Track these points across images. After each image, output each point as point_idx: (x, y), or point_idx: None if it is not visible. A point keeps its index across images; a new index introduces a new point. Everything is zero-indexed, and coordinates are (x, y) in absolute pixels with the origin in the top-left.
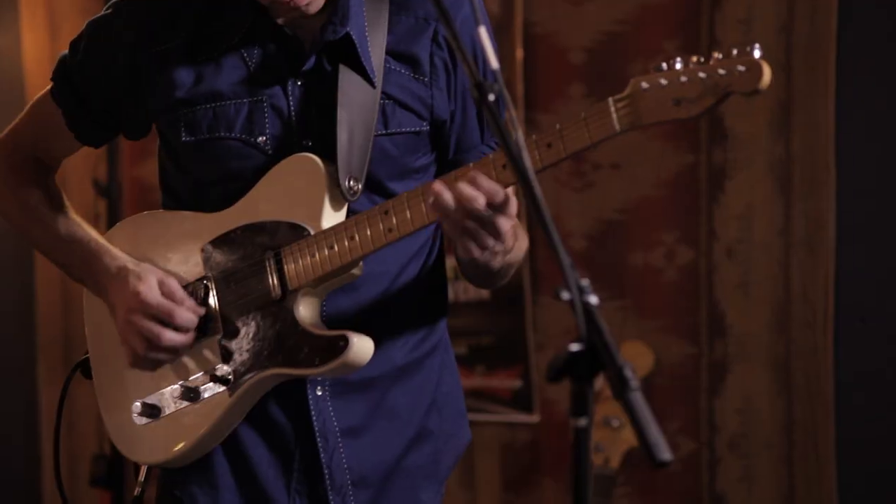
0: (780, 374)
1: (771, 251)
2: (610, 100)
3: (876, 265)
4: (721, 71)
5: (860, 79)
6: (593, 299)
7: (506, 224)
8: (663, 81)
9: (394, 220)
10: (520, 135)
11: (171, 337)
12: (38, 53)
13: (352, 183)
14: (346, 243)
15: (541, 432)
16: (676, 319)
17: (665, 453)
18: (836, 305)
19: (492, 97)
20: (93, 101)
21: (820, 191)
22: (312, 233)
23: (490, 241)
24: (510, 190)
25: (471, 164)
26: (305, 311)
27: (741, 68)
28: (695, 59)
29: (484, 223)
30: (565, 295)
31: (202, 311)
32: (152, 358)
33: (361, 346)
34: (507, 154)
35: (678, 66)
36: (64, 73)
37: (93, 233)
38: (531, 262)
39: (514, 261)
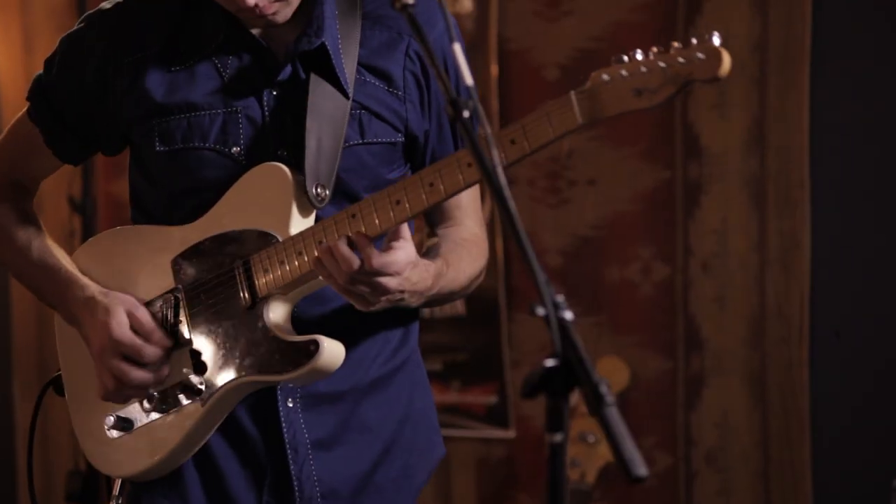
0: (755, 388)
1: (746, 266)
2: (572, 93)
3: (851, 281)
4: (681, 59)
5: (834, 96)
6: (568, 315)
7: (391, 282)
8: (624, 73)
9: (361, 225)
10: (495, 152)
11: (138, 376)
12: (12, 69)
13: (319, 190)
14: (315, 249)
15: (516, 448)
16: (653, 334)
17: (641, 468)
18: (812, 320)
19: (466, 114)
20: (69, 117)
21: (794, 208)
22: (280, 240)
23: (377, 299)
24: (397, 246)
25: (438, 162)
26: (276, 317)
27: (700, 56)
28: (655, 49)
29: (364, 283)
30: (540, 311)
31: (170, 343)
32: (121, 394)
33: (332, 351)
34: (482, 171)
35: (639, 56)
36: (40, 90)
37: (64, 261)
38: (506, 278)
39: (451, 290)
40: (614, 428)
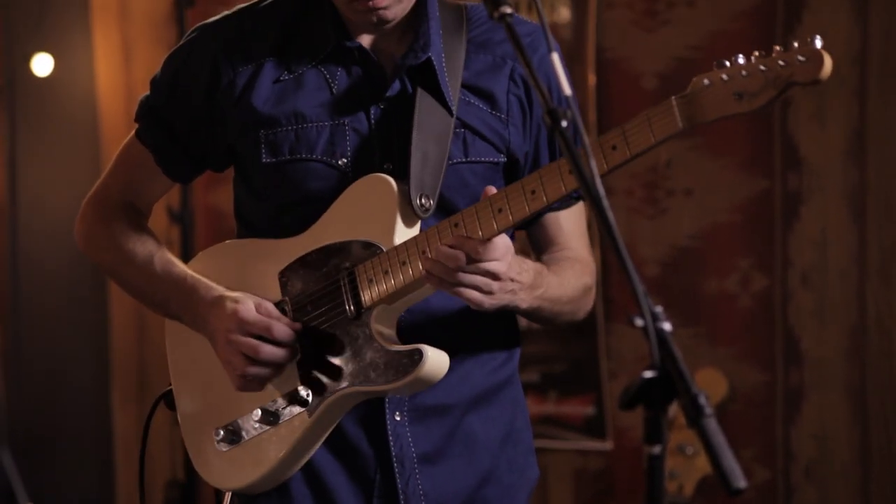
0: (855, 401)
1: (846, 278)
2: (673, 98)
3: None
4: (781, 62)
5: None
6: (667, 326)
7: (500, 266)
8: (724, 77)
9: (464, 232)
10: (592, 162)
11: (269, 350)
12: (111, 80)
13: (423, 200)
14: (419, 259)
15: (614, 459)
16: (751, 346)
17: (740, 481)
18: None
19: (564, 123)
20: (179, 134)
21: (895, 220)
22: (385, 250)
23: (491, 289)
24: (498, 241)
25: (540, 169)
26: (381, 327)
27: (801, 59)
28: (756, 53)
29: (475, 272)
30: (639, 321)
31: (298, 325)
32: (254, 374)
33: (436, 360)
34: (580, 181)
35: (740, 60)
36: (147, 110)
37: (187, 269)
38: (604, 289)
39: (558, 296)
40: (713, 439)
